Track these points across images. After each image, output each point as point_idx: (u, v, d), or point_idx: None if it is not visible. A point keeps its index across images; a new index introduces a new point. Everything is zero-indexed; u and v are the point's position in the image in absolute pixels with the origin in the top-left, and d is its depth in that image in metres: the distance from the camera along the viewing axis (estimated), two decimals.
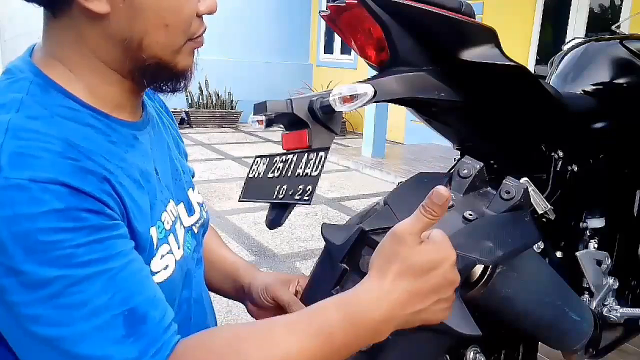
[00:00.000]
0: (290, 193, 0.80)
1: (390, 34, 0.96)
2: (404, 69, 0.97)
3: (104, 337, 0.48)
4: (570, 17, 4.90)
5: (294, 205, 0.82)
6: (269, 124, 0.89)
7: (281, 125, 0.91)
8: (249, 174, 0.92)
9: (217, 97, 7.80)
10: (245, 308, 0.84)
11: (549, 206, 1.10)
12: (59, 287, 0.47)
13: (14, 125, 0.49)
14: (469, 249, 0.68)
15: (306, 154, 0.82)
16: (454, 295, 0.58)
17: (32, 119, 0.51)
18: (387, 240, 0.56)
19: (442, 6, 0.96)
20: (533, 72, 1.29)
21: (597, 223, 1.32)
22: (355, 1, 0.95)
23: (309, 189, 0.77)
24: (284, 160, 0.86)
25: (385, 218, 0.73)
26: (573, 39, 1.60)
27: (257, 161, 0.92)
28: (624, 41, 1.40)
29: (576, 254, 1.26)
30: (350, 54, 7.75)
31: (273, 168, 0.87)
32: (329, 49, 8.37)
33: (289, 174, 0.83)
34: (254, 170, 0.92)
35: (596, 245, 1.30)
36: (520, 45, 5.18)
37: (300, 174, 0.81)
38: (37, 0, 0.54)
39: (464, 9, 0.98)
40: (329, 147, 0.84)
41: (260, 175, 0.89)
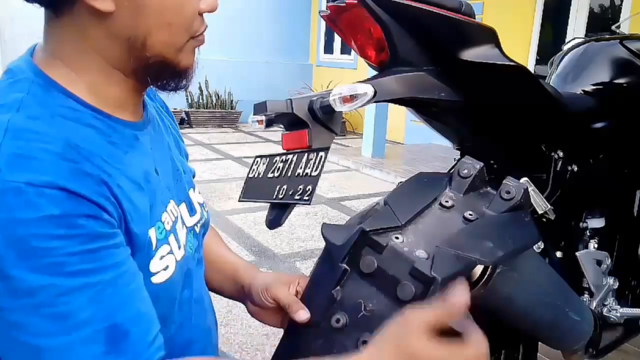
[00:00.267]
0: (290, 193, 0.80)
1: (390, 34, 0.96)
2: (404, 69, 0.97)
3: (84, 352, 0.48)
4: (570, 17, 4.89)
5: (294, 205, 0.82)
6: (269, 124, 0.89)
7: (281, 125, 0.91)
8: (249, 174, 0.92)
9: (217, 97, 7.80)
10: (246, 308, 0.84)
11: (549, 206, 1.10)
12: (46, 297, 0.46)
13: (13, 126, 0.49)
14: (469, 249, 0.68)
15: (306, 154, 0.82)
16: None
17: (33, 119, 0.51)
18: (395, 322, 0.52)
19: (442, 6, 0.96)
20: (533, 72, 1.28)
21: (597, 223, 1.32)
22: (355, 1, 0.95)
23: (309, 189, 0.77)
24: (284, 160, 0.86)
25: (385, 218, 0.73)
26: (573, 39, 1.60)
27: (257, 161, 0.92)
28: (624, 41, 1.40)
29: (576, 254, 1.26)
30: (350, 54, 7.75)
31: (273, 168, 0.87)
32: (329, 49, 8.36)
33: (289, 174, 0.83)
34: (254, 170, 0.92)
35: (596, 245, 1.30)
36: (520, 45, 5.18)
37: (300, 174, 0.81)
38: (40, 1, 0.54)
39: (464, 9, 0.99)
40: (329, 147, 0.84)
41: (260, 175, 0.89)
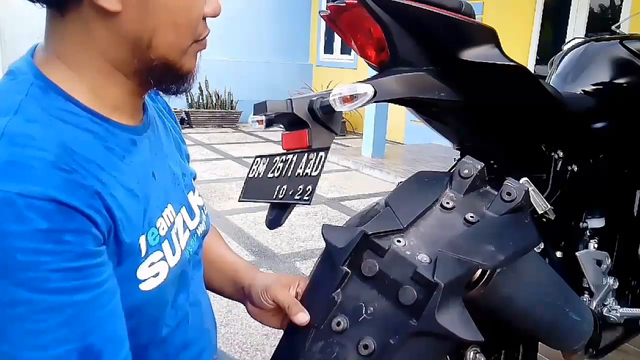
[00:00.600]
0: (290, 193, 0.80)
1: (390, 34, 0.96)
2: (404, 69, 0.97)
3: None
4: (570, 17, 4.90)
5: (294, 205, 0.82)
6: (269, 124, 0.89)
7: (281, 125, 0.91)
8: (249, 174, 0.92)
9: (217, 97, 7.80)
10: (246, 308, 0.84)
11: (549, 206, 1.10)
12: (24, 312, 0.46)
13: (10, 130, 0.49)
14: (470, 252, 0.68)
15: (306, 154, 0.82)
16: None
17: (30, 122, 0.50)
18: None
19: (442, 6, 0.96)
20: (533, 72, 1.28)
21: (597, 223, 1.32)
22: (355, 1, 0.95)
23: (309, 189, 0.77)
24: (284, 160, 0.86)
25: (387, 220, 0.73)
26: (573, 39, 1.60)
27: (257, 161, 0.92)
28: (624, 41, 1.40)
29: (576, 254, 1.26)
30: (350, 54, 7.75)
31: (273, 168, 0.87)
32: (329, 49, 8.36)
33: (289, 174, 0.83)
34: (254, 170, 0.92)
35: (596, 245, 1.30)
36: (520, 45, 5.18)
37: (300, 174, 0.81)
38: (47, 1, 0.53)
39: (464, 9, 0.99)
40: (329, 147, 0.84)
41: (260, 175, 0.89)
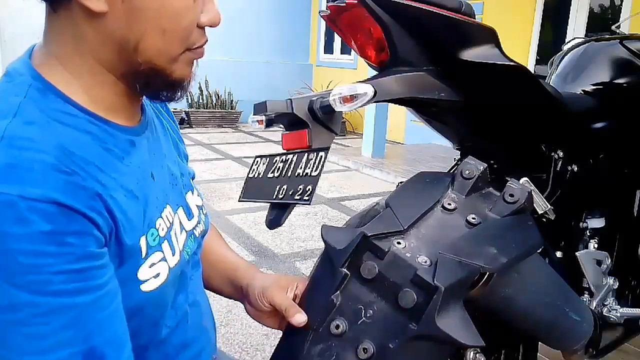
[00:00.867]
0: (290, 193, 0.80)
1: (390, 34, 0.96)
2: (404, 69, 0.97)
3: None
4: (570, 17, 4.90)
5: (294, 205, 0.82)
6: (269, 124, 0.89)
7: (281, 125, 0.91)
8: (249, 174, 0.92)
9: (217, 97, 7.80)
10: (244, 308, 0.84)
11: (549, 206, 1.10)
12: (25, 315, 0.46)
13: (9, 133, 0.49)
14: (473, 255, 0.67)
15: (306, 154, 0.82)
16: None
17: (29, 124, 0.50)
18: None
19: (442, 6, 0.96)
20: (533, 72, 1.28)
21: (597, 223, 1.32)
22: (355, 1, 0.95)
23: (309, 189, 0.77)
24: (284, 160, 0.86)
25: (387, 221, 0.72)
26: (573, 39, 1.60)
27: (257, 161, 0.92)
28: (624, 41, 1.40)
29: (576, 254, 1.26)
30: (350, 54, 7.75)
31: (273, 168, 0.87)
32: (329, 49, 8.36)
33: (289, 174, 0.83)
34: (254, 170, 0.92)
35: (596, 245, 1.30)
36: (520, 45, 5.18)
37: (300, 174, 0.81)
38: None
39: (464, 9, 0.99)
40: (329, 147, 0.84)
41: (260, 175, 0.89)
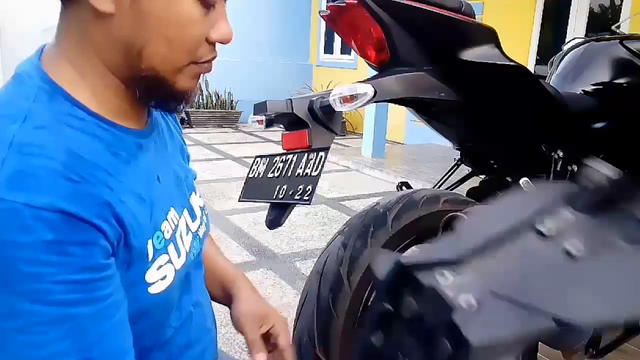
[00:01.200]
0: (290, 193, 0.80)
1: (390, 34, 0.96)
2: (404, 69, 0.97)
3: None
4: (570, 17, 4.89)
5: (294, 205, 0.82)
6: (269, 124, 0.89)
7: (281, 125, 0.92)
8: (249, 174, 0.92)
9: (217, 97, 7.80)
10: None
11: None
12: (25, 324, 0.46)
13: (19, 139, 0.49)
14: (549, 299, 0.44)
15: (306, 154, 0.82)
16: None
17: (39, 128, 0.50)
18: None
19: (442, 6, 0.96)
20: (533, 72, 1.28)
21: None
22: (355, 1, 0.95)
23: (309, 189, 0.77)
24: (284, 160, 0.86)
25: (444, 245, 0.52)
26: (573, 39, 1.60)
27: (257, 161, 0.92)
28: (624, 41, 1.40)
29: None
30: (350, 54, 7.75)
31: (273, 168, 0.87)
32: (329, 49, 8.36)
33: (289, 174, 0.83)
34: (254, 170, 0.92)
35: None
36: (520, 45, 5.18)
37: (300, 174, 0.81)
38: None
39: (464, 9, 0.99)
40: (329, 147, 0.84)
41: (260, 175, 0.89)
